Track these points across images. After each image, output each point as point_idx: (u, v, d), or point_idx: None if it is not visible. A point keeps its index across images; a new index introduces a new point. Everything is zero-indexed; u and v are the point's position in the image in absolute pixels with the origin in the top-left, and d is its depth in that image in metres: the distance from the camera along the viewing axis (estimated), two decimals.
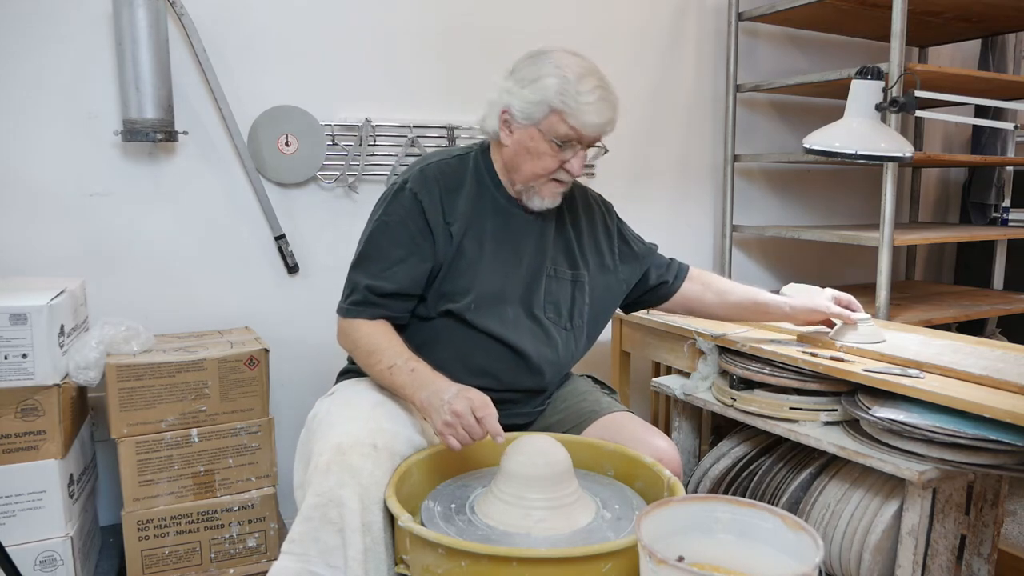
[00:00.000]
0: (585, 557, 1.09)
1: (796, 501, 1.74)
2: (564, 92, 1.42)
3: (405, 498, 1.27)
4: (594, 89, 1.44)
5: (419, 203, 1.47)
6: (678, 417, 2.14)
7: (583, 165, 1.50)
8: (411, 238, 1.47)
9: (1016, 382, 1.48)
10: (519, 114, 1.46)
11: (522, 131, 1.47)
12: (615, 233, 1.71)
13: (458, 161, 1.56)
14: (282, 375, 2.20)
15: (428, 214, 1.47)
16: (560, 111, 1.43)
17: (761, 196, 3.05)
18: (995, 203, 3.32)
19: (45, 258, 2.00)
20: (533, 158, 1.47)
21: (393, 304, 1.48)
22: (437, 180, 1.50)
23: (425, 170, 1.52)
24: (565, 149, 1.46)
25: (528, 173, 1.49)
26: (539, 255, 1.57)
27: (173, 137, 2.00)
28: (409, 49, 2.35)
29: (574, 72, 1.43)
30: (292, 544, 1.28)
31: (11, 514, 1.66)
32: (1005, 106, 1.96)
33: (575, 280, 1.62)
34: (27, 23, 1.94)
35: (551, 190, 1.52)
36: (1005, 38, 3.18)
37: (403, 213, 1.48)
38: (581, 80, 1.43)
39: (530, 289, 1.55)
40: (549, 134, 1.45)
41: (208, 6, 2.09)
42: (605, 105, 1.45)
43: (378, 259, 1.48)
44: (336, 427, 1.34)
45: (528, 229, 1.56)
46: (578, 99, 1.42)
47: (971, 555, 1.76)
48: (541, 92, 1.43)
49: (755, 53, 2.92)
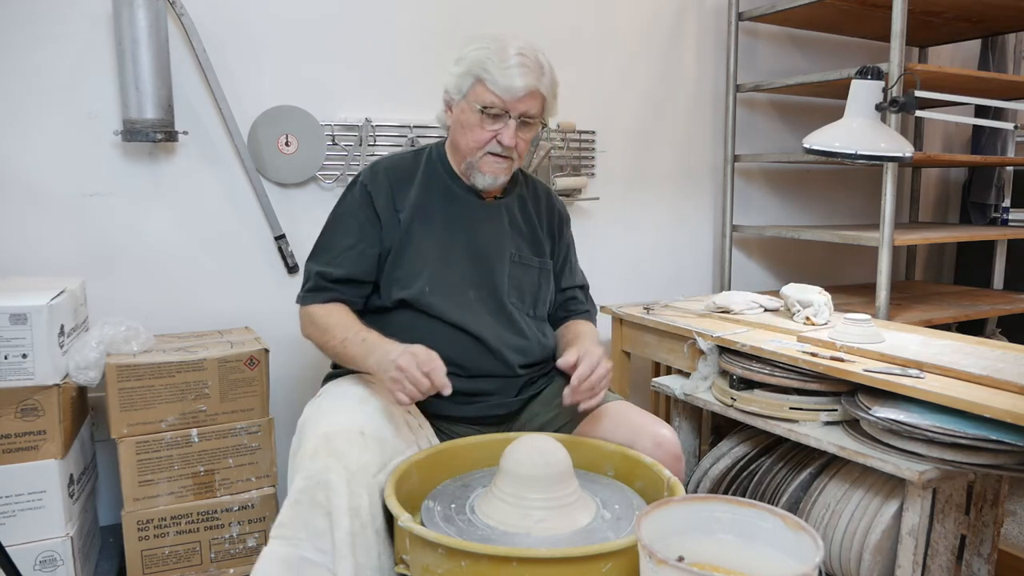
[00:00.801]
0: (585, 557, 1.09)
1: (796, 501, 1.74)
2: (485, 60, 1.47)
3: (405, 498, 1.27)
4: (515, 55, 1.47)
5: (368, 194, 1.56)
6: (678, 417, 2.14)
7: (516, 137, 1.51)
8: (359, 226, 1.55)
9: (1016, 382, 1.48)
10: (452, 90, 1.54)
11: (457, 107, 1.54)
12: (560, 245, 1.75)
13: (412, 156, 1.64)
14: (282, 375, 2.20)
15: (376, 203, 1.55)
16: (482, 78, 1.48)
17: (761, 196, 3.05)
18: (995, 203, 3.32)
19: (45, 258, 2.00)
20: (466, 131, 1.52)
21: (345, 289, 1.55)
22: (387, 172, 1.59)
23: (376, 165, 1.61)
24: (496, 120, 1.50)
25: (464, 147, 1.54)
26: (498, 239, 1.60)
27: (173, 137, 2.00)
28: (409, 49, 2.35)
29: (500, 44, 1.48)
30: (281, 528, 1.28)
31: (11, 514, 1.66)
32: (1005, 106, 1.96)
33: (542, 268, 1.67)
34: (27, 23, 1.94)
35: (490, 165, 1.54)
36: (1005, 38, 3.18)
37: (353, 204, 1.57)
38: (503, 49, 1.48)
39: (492, 273, 1.58)
40: (477, 103, 1.49)
41: (208, 6, 2.09)
42: (525, 70, 1.47)
43: (329, 248, 1.57)
44: (323, 420, 1.36)
45: (484, 215, 1.60)
46: (499, 64, 1.46)
47: (971, 555, 1.76)
48: (466, 64, 1.49)
49: (755, 53, 2.92)
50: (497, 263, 1.59)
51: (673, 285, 2.86)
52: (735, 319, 2.09)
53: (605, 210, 2.68)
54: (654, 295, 2.59)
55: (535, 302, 1.64)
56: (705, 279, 2.99)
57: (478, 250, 1.58)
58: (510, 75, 1.46)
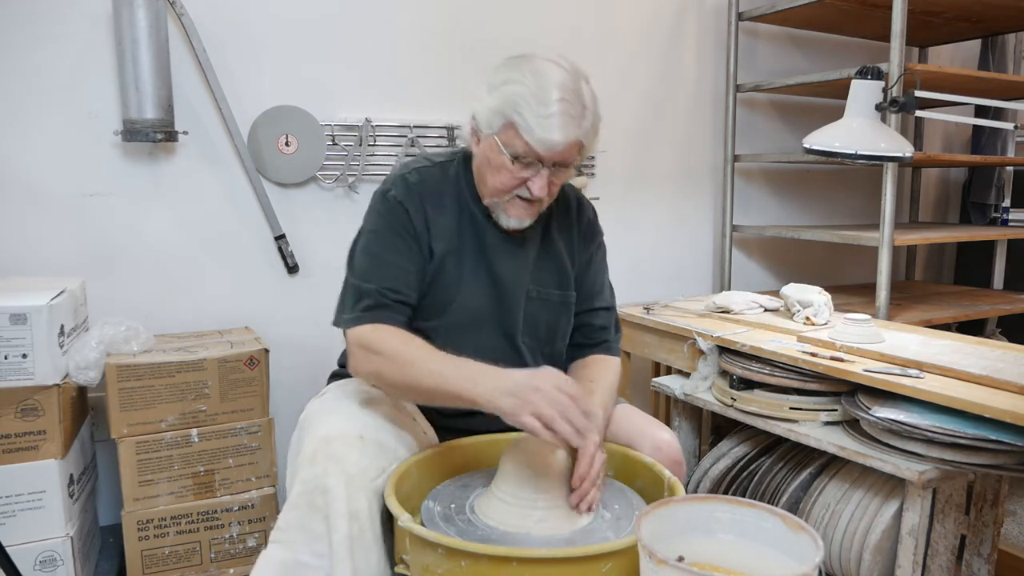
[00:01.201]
0: (585, 557, 1.09)
1: (796, 501, 1.74)
2: (521, 103, 1.27)
3: (405, 498, 1.27)
4: (556, 102, 1.26)
5: (405, 211, 1.40)
6: (678, 417, 2.14)
7: (547, 187, 1.35)
8: (407, 247, 1.40)
9: (1016, 382, 1.48)
10: (482, 122, 1.34)
11: (486, 141, 1.35)
12: (583, 257, 1.58)
13: (439, 171, 1.46)
14: (282, 375, 2.20)
15: (415, 223, 1.40)
16: (515, 123, 1.28)
17: (761, 196, 3.05)
18: (995, 203, 3.32)
19: (45, 258, 2.00)
20: (493, 171, 1.35)
21: (404, 309, 1.38)
22: (419, 189, 1.42)
23: (406, 180, 1.43)
24: (527, 168, 1.33)
25: (490, 187, 1.38)
26: (517, 275, 1.46)
27: (173, 137, 2.00)
28: (409, 49, 2.35)
29: (539, 82, 1.27)
30: (279, 532, 1.27)
31: (11, 514, 1.66)
32: (1005, 106, 1.96)
33: (563, 301, 1.52)
34: (27, 23, 1.94)
35: (517, 209, 1.38)
36: (1005, 38, 3.18)
37: (394, 221, 1.40)
38: (544, 91, 1.27)
39: (507, 311, 1.46)
40: (507, 148, 1.31)
41: (208, 6, 2.09)
42: (566, 120, 1.27)
43: (381, 266, 1.38)
44: (324, 422, 1.33)
45: (506, 247, 1.45)
46: (536, 111, 1.26)
47: (971, 555, 1.76)
48: (500, 99, 1.30)
49: (755, 53, 2.92)
50: (514, 301, 1.46)
51: (673, 285, 2.86)
52: (735, 319, 2.09)
53: (605, 210, 2.65)
54: (654, 295, 2.59)
55: (552, 338, 1.52)
56: (705, 279, 2.99)
57: (497, 286, 1.45)
58: (548, 126, 1.26)
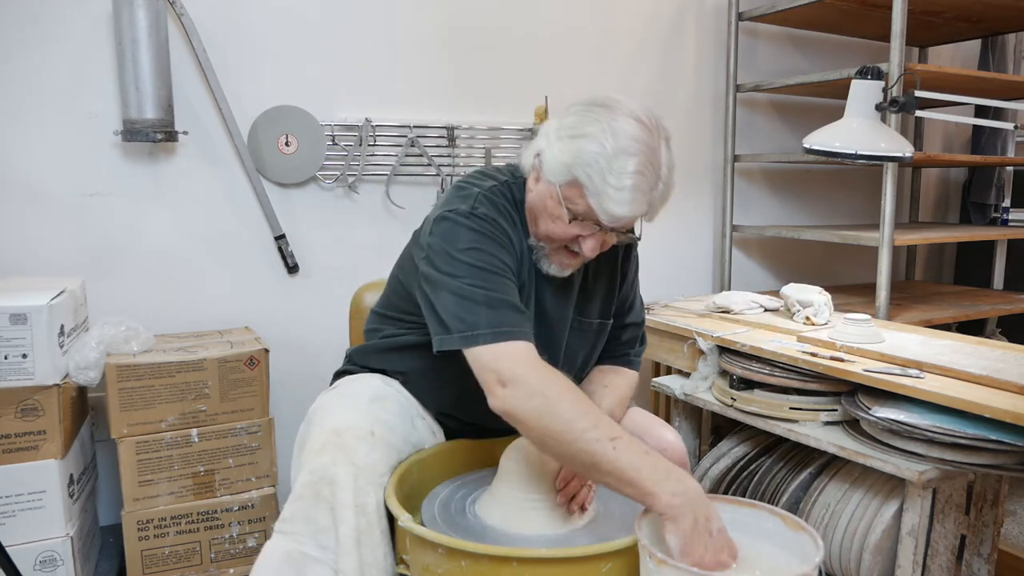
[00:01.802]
0: (585, 557, 1.09)
1: (796, 501, 1.74)
2: (593, 165, 1.18)
3: (405, 498, 1.27)
4: (631, 175, 1.18)
5: (500, 225, 1.28)
6: (678, 417, 2.14)
7: (598, 249, 1.28)
8: (506, 264, 1.26)
9: (1016, 382, 1.48)
10: (547, 166, 1.25)
11: (545, 185, 1.26)
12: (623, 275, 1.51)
13: (508, 192, 1.35)
14: (282, 375, 2.20)
15: (511, 237, 1.30)
16: (582, 184, 1.20)
17: (761, 196, 3.05)
18: (995, 203, 3.32)
19: (45, 258, 2.00)
20: (547, 219, 1.27)
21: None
22: (501, 205, 1.31)
23: (489, 196, 1.30)
24: (581, 225, 1.25)
25: (540, 232, 1.30)
26: (563, 309, 1.41)
27: (173, 137, 2.00)
28: (409, 49, 2.35)
29: (617, 145, 1.18)
30: (283, 523, 1.26)
31: (11, 514, 1.66)
32: (1005, 106, 1.96)
33: (601, 329, 1.49)
34: (27, 23, 1.94)
35: (560, 260, 1.32)
36: (1005, 38, 3.18)
37: (491, 233, 1.26)
38: (620, 158, 1.18)
39: (550, 344, 1.40)
40: (568, 204, 1.23)
41: (208, 6, 2.09)
42: (636, 195, 1.19)
43: (493, 276, 1.22)
44: (334, 415, 1.33)
45: (554, 280, 1.37)
46: (606, 179, 1.18)
47: (971, 555, 1.76)
48: (572, 154, 1.20)
49: (755, 53, 2.92)
50: (558, 333, 1.42)
51: (673, 285, 2.86)
52: (735, 319, 2.09)
53: None
54: (654, 295, 2.59)
55: (585, 364, 1.50)
56: (705, 279, 2.99)
57: (542, 318, 1.38)
58: (617, 200, 1.18)
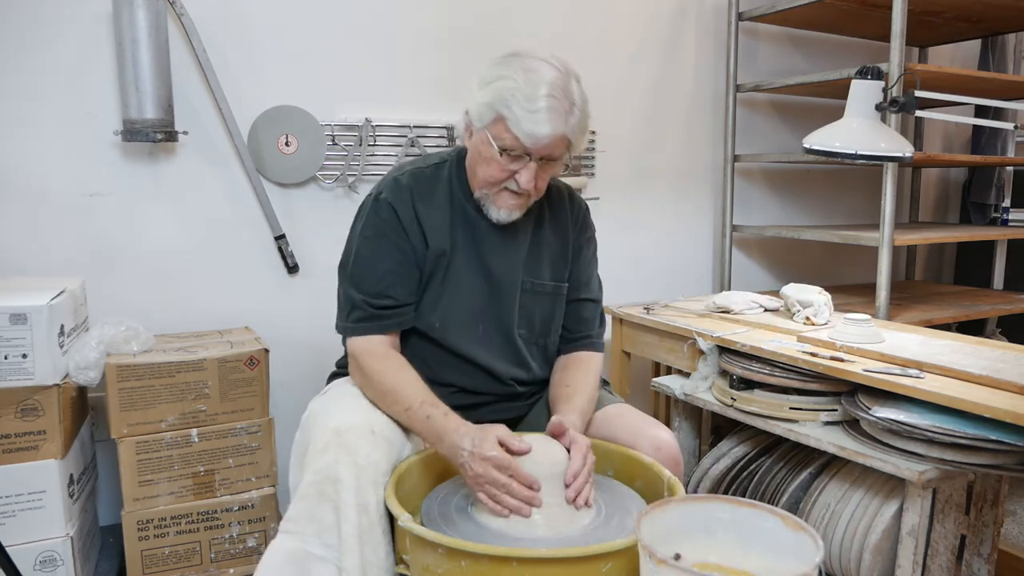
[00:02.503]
0: (585, 557, 1.09)
1: (796, 501, 1.74)
2: (511, 97, 1.32)
3: (405, 498, 1.27)
4: (544, 98, 1.31)
5: (395, 212, 1.44)
6: (678, 417, 2.14)
7: (534, 180, 1.39)
8: (395, 247, 1.44)
9: (1016, 382, 1.48)
10: (474, 116, 1.39)
11: (477, 134, 1.40)
12: (575, 246, 1.60)
13: (433, 170, 1.51)
14: (282, 375, 2.20)
15: (403, 222, 1.44)
16: (504, 117, 1.33)
17: (761, 196, 3.05)
18: (995, 203, 3.32)
19: (45, 258, 2.00)
20: (483, 164, 1.40)
21: (395, 317, 1.45)
22: (411, 189, 1.46)
23: (398, 180, 1.47)
24: (515, 160, 1.37)
25: (480, 179, 1.43)
26: (512, 267, 1.51)
27: (173, 137, 2.00)
28: (409, 49, 2.35)
29: (530, 78, 1.32)
30: (288, 522, 1.28)
31: (11, 514, 1.66)
32: (1005, 106, 1.96)
33: (556, 292, 1.57)
34: (27, 23, 1.93)
35: (506, 201, 1.43)
36: (1005, 38, 3.18)
37: (382, 224, 1.45)
38: (533, 86, 1.32)
39: (502, 305, 1.51)
40: (496, 141, 1.36)
41: (208, 6, 2.08)
42: (553, 115, 1.31)
43: (369, 273, 1.44)
44: (334, 415, 1.35)
45: (499, 240, 1.49)
46: (524, 106, 1.31)
47: (971, 555, 1.76)
48: (492, 94, 1.35)
49: (755, 53, 2.92)
50: (509, 294, 1.51)
51: (673, 285, 2.86)
52: (735, 319, 2.09)
53: (605, 210, 2.68)
54: (654, 295, 2.59)
55: (546, 330, 1.57)
56: (705, 279, 2.99)
57: (491, 280, 1.50)
58: (535, 120, 1.31)
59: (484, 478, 1.23)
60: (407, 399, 1.36)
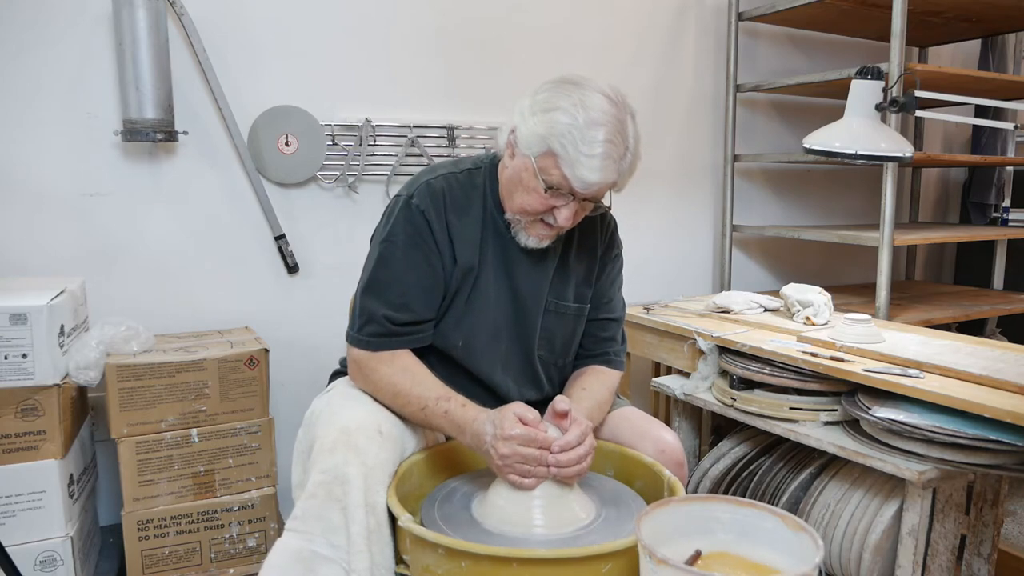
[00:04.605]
0: (585, 557, 1.09)
1: (796, 501, 1.74)
2: (566, 135, 1.26)
3: (405, 498, 1.27)
4: (602, 143, 1.25)
5: (426, 221, 1.37)
6: (678, 417, 2.14)
7: (572, 218, 1.35)
8: (425, 259, 1.38)
9: (1016, 382, 1.48)
10: (521, 140, 1.32)
11: (521, 159, 1.34)
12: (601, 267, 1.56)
13: (467, 176, 1.44)
14: (282, 375, 2.20)
15: (434, 232, 1.38)
16: (556, 154, 1.27)
17: (761, 196, 3.05)
18: (995, 203, 3.32)
19: (45, 258, 2.00)
20: (523, 192, 1.34)
21: (416, 331, 1.40)
22: (444, 197, 1.39)
23: (431, 186, 1.39)
24: (556, 196, 1.32)
25: (516, 205, 1.37)
26: (538, 286, 1.46)
27: (173, 137, 2.00)
28: (409, 49, 2.35)
29: (588, 116, 1.26)
30: (295, 521, 1.27)
31: (11, 514, 1.66)
32: (1005, 106, 1.96)
33: (578, 314, 1.52)
34: (27, 23, 1.93)
35: (537, 231, 1.38)
36: (1005, 38, 3.18)
37: (413, 233, 1.37)
38: (591, 128, 1.25)
39: (525, 325, 1.47)
40: (543, 175, 1.30)
41: (208, 6, 2.09)
42: (608, 163, 1.27)
43: (393, 284, 1.37)
44: (341, 414, 1.33)
45: (525, 259, 1.44)
46: (578, 148, 1.25)
47: (971, 555, 1.76)
48: (546, 126, 1.28)
49: (755, 53, 2.92)
50: (533, 314, 1.46)
51: (673, 285, 2.86)
52: (735, 319, 2.09)
53: None
54: (654, 295, 2.59)
55: (566, 351, 1.53)
56: (705, 279, 2.99)
57: (516, 299, 1.45)
58: (590, 167, 1.25)
59: (513, 458, 1.22)
60: (421, 398, 1.34)
